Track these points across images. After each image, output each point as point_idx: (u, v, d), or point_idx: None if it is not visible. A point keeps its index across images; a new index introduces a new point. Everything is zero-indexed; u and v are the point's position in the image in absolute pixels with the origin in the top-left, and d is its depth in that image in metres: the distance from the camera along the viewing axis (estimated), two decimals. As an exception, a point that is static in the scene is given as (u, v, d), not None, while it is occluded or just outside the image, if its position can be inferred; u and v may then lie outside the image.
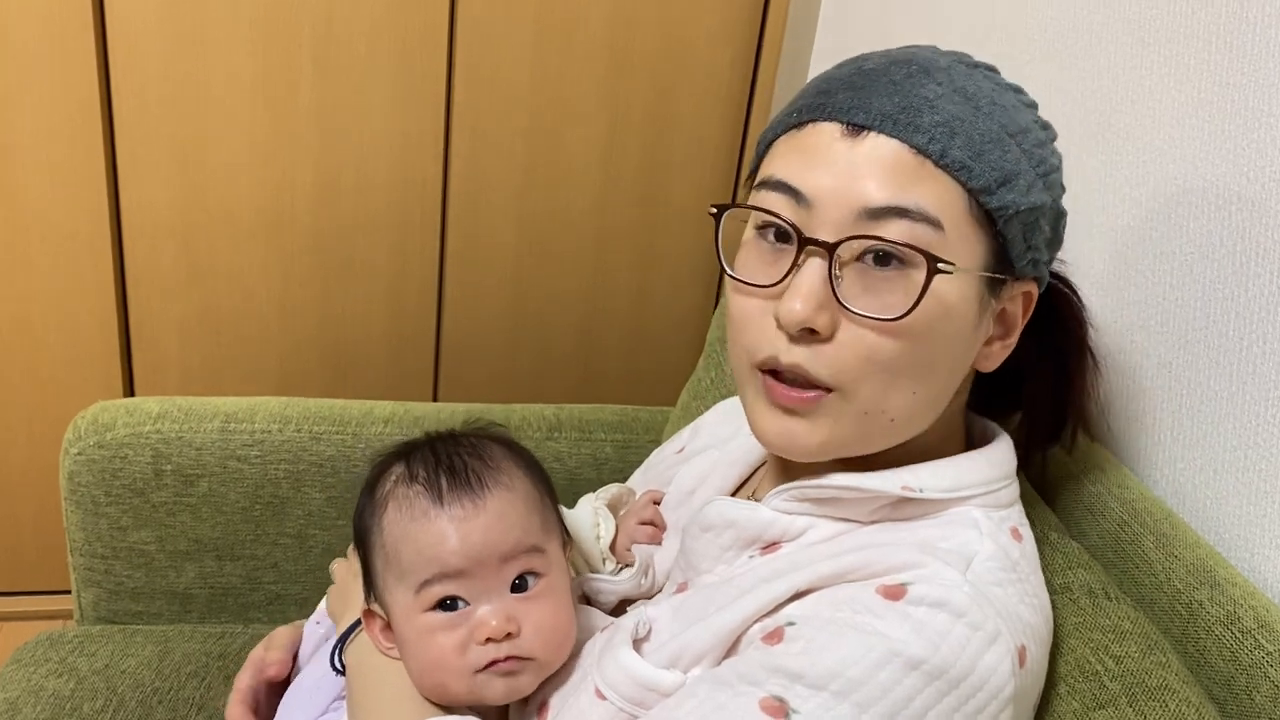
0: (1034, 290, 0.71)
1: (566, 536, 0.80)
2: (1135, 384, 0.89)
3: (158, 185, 1.58)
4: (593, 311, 1.80)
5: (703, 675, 0.65)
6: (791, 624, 0.63)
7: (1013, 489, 0.72)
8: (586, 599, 0.83)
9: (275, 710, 0.87)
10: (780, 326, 0.65)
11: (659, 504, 0.89)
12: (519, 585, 0.72)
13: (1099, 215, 0.94)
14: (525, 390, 1.80)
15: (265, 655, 0.88)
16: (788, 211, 0.66)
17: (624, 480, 1.03)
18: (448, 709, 0.72)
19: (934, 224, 0.63)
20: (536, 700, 0.74)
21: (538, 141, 1.66)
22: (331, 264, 1.68)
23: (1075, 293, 0.80)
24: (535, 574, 0.73)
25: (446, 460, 0.74)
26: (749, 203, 0.68)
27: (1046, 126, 0.70)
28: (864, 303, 0.64)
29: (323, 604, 0.92)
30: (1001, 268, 0.67)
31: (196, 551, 1.20)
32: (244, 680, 0.87)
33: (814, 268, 0.64)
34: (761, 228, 0.68)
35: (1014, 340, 0.71)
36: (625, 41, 1.62)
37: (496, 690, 0.71)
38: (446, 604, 0.71)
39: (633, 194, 1.72)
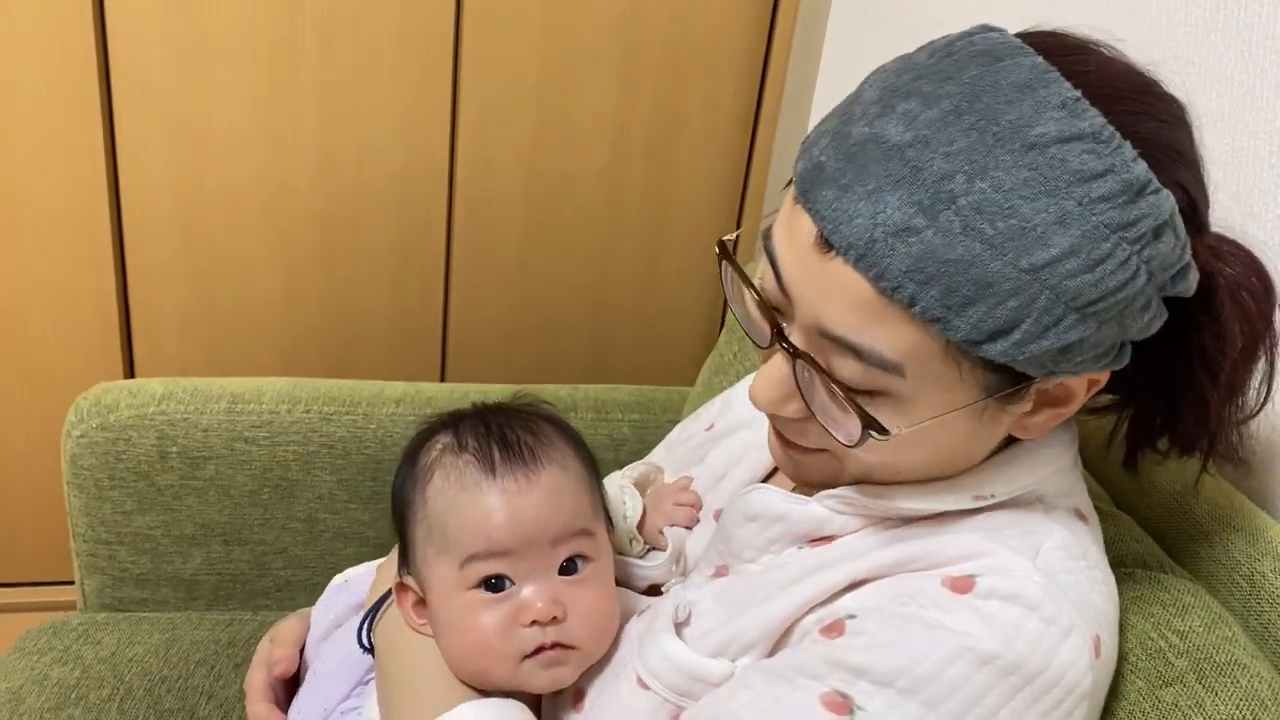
0: (1100, 378, 0.60)
1: (610, 522, 0.77)
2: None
3: (158, 166, 1.54)
4: (602, 292, 1.77)
5: (755, 666, 0.62)
6: (852, 616, 0.60)
7: (1076, 470, 0.68)
8: (615, 582, 0.79)
9: (289, 703, 0.84)
10: None
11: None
12: (567, 568, 0.69)
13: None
14: (534, 372, 1.77)
15: (272, 652, 0.85)
16: (773, 292, 0.60)
17: (640, 458, 1.00)
18: (483, 692, 0.69)
19: (892, 370, 0.55)
20: (571, 689, 0.70)
21: (546, 120, 1.62)
22: (335, 246, 1.65)
23: (1237, 284, 0.60)
24: (585, 558, 0.69)
25: (499, 431, 0.71)
26: (743, 269, 0.64)
27: (1129, 224, 0.52)
28: (822, 411, 0.59)
29: (330, 588, 0.89)
30: (1017, 381, 0.57)
31: (203, 536, 1.17)
32: (258, 678, 0.84)
33: (785, 361, 0.60)
34: None
35: (1071, 410, 0.61)
36: (635, 18, 1.58)
37: (540, 681, 0.68)
38: (491, 583, 0.68)
39: (642, 172, 1.69)
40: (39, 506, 1.71)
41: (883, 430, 0.57)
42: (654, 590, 0.79)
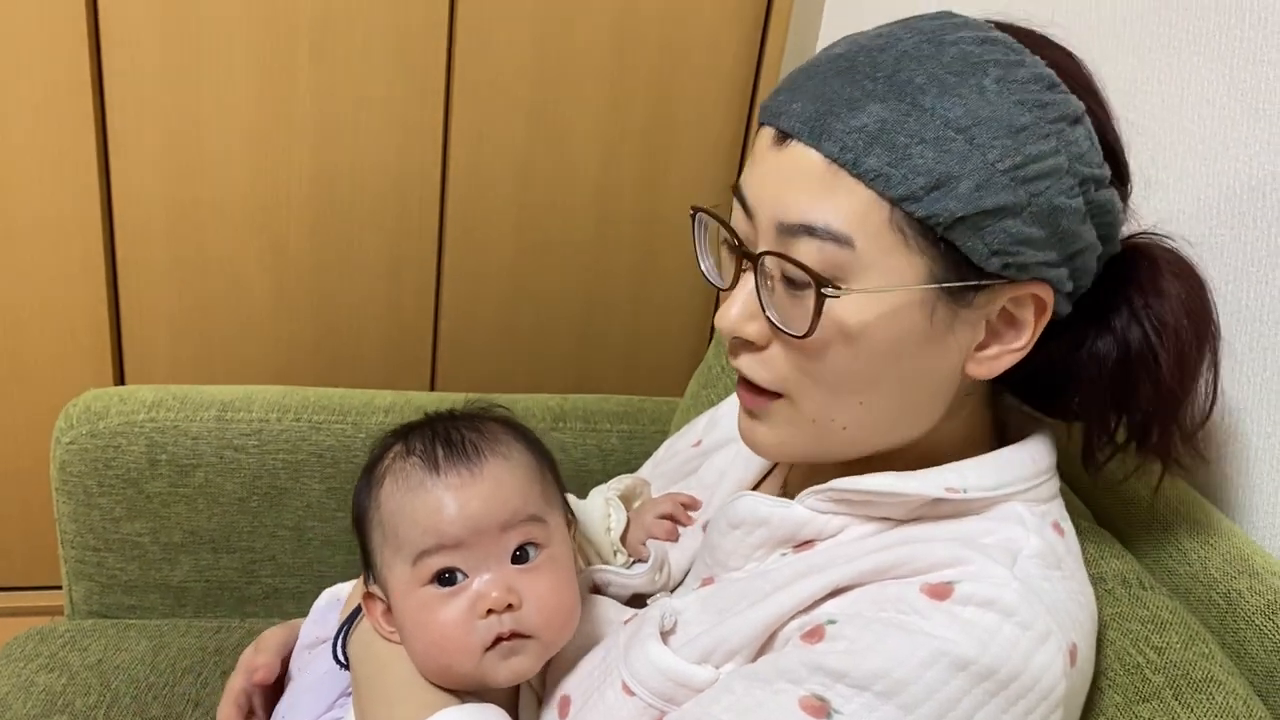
0: (1045, 293, 0.63)
1: (571, 517, 0.78)
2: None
3: (150, 173, 1.55)
4: (592, 303, 1.77)
5: (737, 671, 0.63)
6: (832, 622, 0.60)
7: (1053, 483, 0.70)
8: (597, 590, 0.80)
9: (270, 713, 0.84)
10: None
11: (689, 507, 0.86)
12: (519, 556, 0.70)
13: (1124, 199, 0.92)
14: (524, 382, 1.77)
15: (254, 659, 0.85)
16: (740, 223, 0.65)
17: (630, 471, 1.01)
18: (455, 694, 0.70)
19: (843, 241, 0.59)
20: (557, 695, 0.71)
21: (537, 132, 1.63)
22: (327, 255, 1.65)
23: (1173, 276, 0.67)
24: (536, 544, 0.71)
25: (444, 434, 0.73)
26: (714, 208, 0.69)
27: (1044, 105, 0.60)
28: (784, 315, 0.63)
29: (322, 604, 0.89)
30: (962, 275, 0.60)
31: (192, 544, 1.17)
32: (236, 683, 0.85)
33: (749, 278, 0.64)
34: None
35: (1024, 344, 0.64)
36: (627, 31, 1.59)
37: (501, 674, 0.69)
38: (444, 577, 0.69)
39: (634, 182, 1.70)
40: (28, 512, 1.70)
41: (834, 287, 0.60)
42: (639, 600, 0.80)
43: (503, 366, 1.78)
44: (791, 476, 0.79)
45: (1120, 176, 0.66)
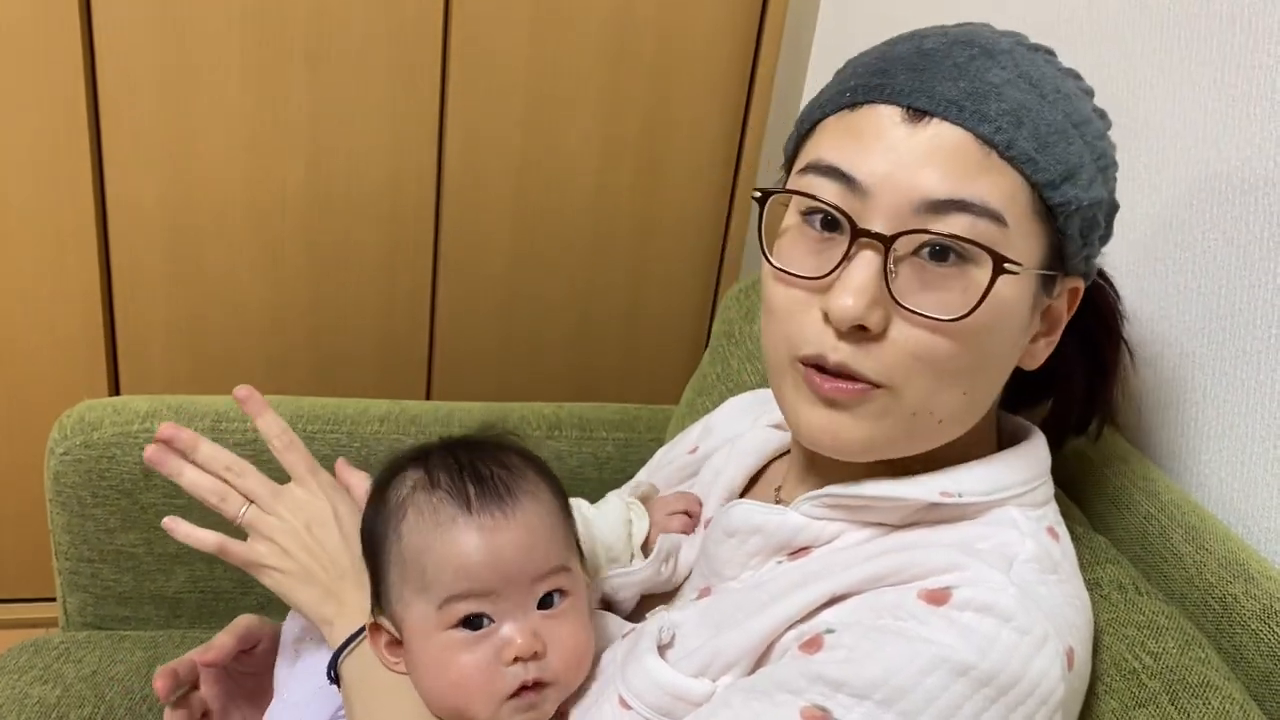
0: (1080, 286, 0.68)
1: (581, 553, 0.75)
2: (1156, 376, 0.87)
3: (145, 181, 1.54)
4: (588, 311, 1.77)
5: (736, 684, 0.62)
6: (830, 631, 0.60)
7: (1048, 487, 0.70)
8: (605, 603, 0.79)
9: (219, 704, 0.81)
10: (829, 322, 0.61)
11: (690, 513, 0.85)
12: (544, 602, 0.68)
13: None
14: (520, 390, 1.77)
15: (215, 639, 0.82)
16: (840, 199, 0.62)
17: (626, 479, 1.00)
18: None
19: (997, 219, 0.60)
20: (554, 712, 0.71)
21: (533, 136, 1.63)
22: (322, 262, 1.65)
23: (1110, 283, 0.77)
24: (562, 592, 0.69)
25: (470, 466, 0.69)
26: (793, 187, 0.65)
27: (1104, 115, 0.67)
28: (920, 300, 0.60)
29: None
30: (1056, 264, 0.64)
31: (186, 554, 1.17)
32: (186, 655, 0.81)
33: (867, 261, 0.60)
34: (808, 213, 0.64)
35: (1057, 337, 0.68)
36: (623, 35, 1.59)
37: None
38: (470, 620, 0.67)
39: (629, 187, 1.70)
40: (21, 523, 1.70)
41: (1013, 261, 0.60)
42: (648, 602, 0.78)
43: (498, 375, 1.78)
44: (786, 480, 0.78)
45: None
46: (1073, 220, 0.63)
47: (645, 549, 0.82)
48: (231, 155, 1.55)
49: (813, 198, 0.63)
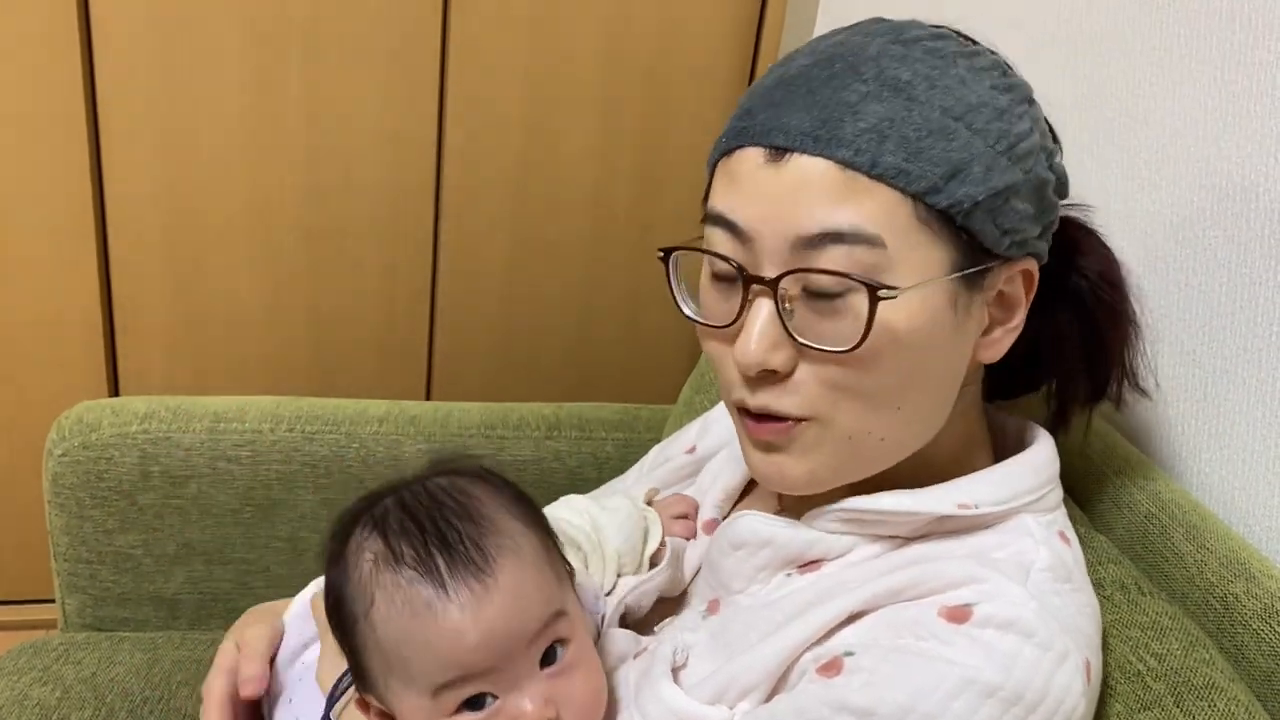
0: (1033, 268, 0.65)
1: (569, 567, 0.69)
2: (1157, 374, 0.86)
3: (144, 182, 1.54)
4: (587, 311, 1.77)
5: (754, 712, 0.61)
6: (850, 654, 0.59)
7: (1057, 492, 0.69)
8: (625, 618, 0.76)
9: None
10: (738, 370, 0.62)
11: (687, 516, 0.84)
12: (548, 657, 0.63)
13: (1117, 203, 0.92)
14: (519, 390, 1.76)
15: (242, 668, 0.76)
16: (730, 248, 0.62)
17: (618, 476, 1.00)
18: None
19: (874, 242, 0.58)
20: None
21: (532, 136, 1.63)
22: (321, 263, 1.65)
23: (1093, 232, 0.74)
24: (563, 641, 0.63)
25: (433, 529, 0.62)
26: (695, 240, 0.65)
27: (1011, 88, 0.63)
28: (818, 333, 0.60)
29: (295, 610, 0.81)
30: (977, 260, 0.61)
31: (185, 555, 1.17)
32: (219, 687, 0.74)
33: (762, 306, 0.61)
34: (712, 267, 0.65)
35: (1018, 322, 0.66)
36: (622, 35, 1.59)
37: None
38: (472, 702, 0.61)
39: (627, 190, 1.69)
40: (20, 525, 1.70)
41: (888, 287, 0.58)
42: (654, 608, 0.77)
43: (498, 375, 1.78)
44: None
45: (1055, 139, 0.69)
46: (975, 216, 0.60)
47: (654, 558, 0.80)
48: (230, 157, 1.55)
49: (708, 252, 0.64)
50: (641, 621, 0.77)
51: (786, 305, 0.60)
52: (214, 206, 1.57)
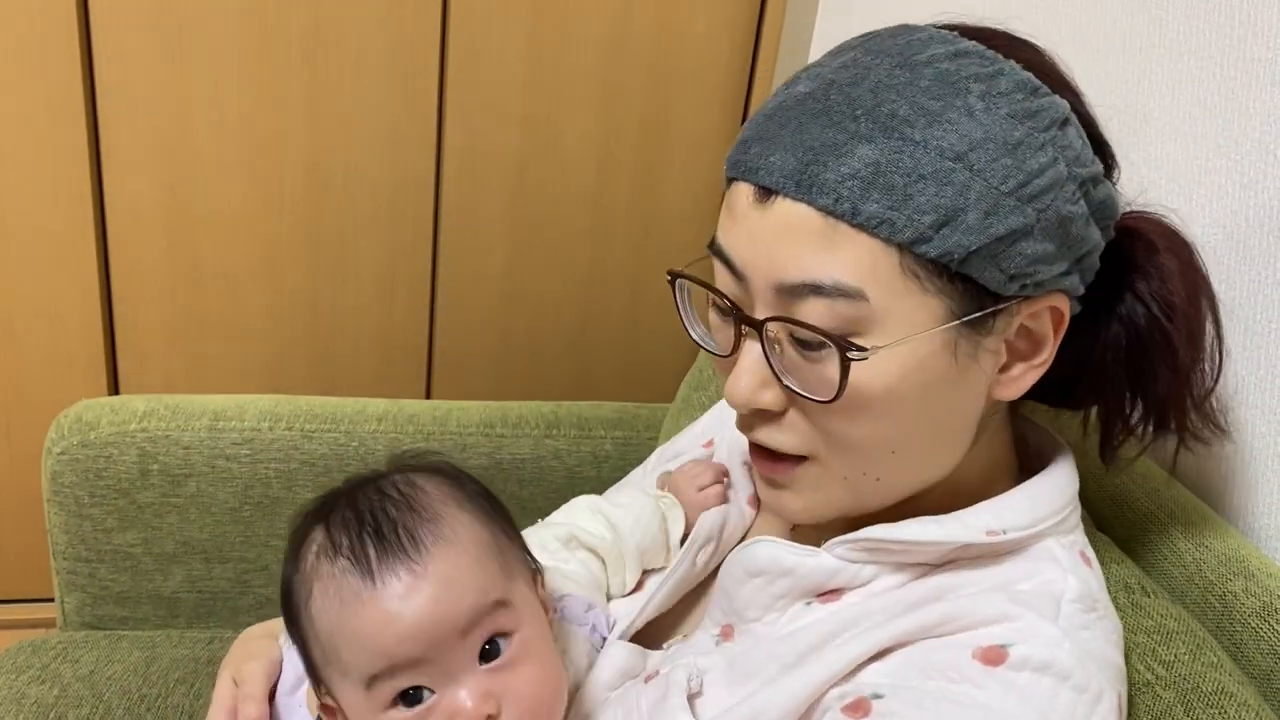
0: (1062, 304, 0.61)
1: (535, 565, 0.68)
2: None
3: (143, 182, 1.54)
4: (587, 310, 1.77)
5: None
6: (879, 696, 0.57)
7: (1077, 511, 0.67)
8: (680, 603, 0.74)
9: None
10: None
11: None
12: (489, 651, 0.61)
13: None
14: (519, 388, 1.77)
15: (241, 710, 0.73)
16: (728, 283, 0.61)
17: (624, 475, 1.00)
18: None
19: (855, 296, 0.55)
20: None
21: (532, 137, 1.63)
22: (321, 262, 1.65)
23: (1158, 249, 0.65)
24: (504, 634, 0.61)
25: (371, 520, 0.61)
26: (696, 273, 0.65)
27: (1034, 114, 0.57)
28: (802, 378, 0.59)
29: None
30: (981, 304, 0.57)
31: (184, 554, 1.17)
32: None
33: (753, 345, 0.60)
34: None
35: (1045, 358, 0.62)
36: (622, 35, 1.59)
37: None
38: (409, 695, 0.60)
39: (627, 190, 1.69)
40: (19, 523, 1.69)
41: (859, 349, 0.56)
42: (663, 620, 0.75)
43: (497, 374, 1.78)
44: None
45: (1108, 165, 0.64)
46: (971, 264, 0.56)
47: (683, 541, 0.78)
48: (230, 156, 1.55)
49: (706, 286, 0.63)
50: (653, 631, 0.74)
51: (776, 347, 0.59)
52: (213, 206, 1.57)
